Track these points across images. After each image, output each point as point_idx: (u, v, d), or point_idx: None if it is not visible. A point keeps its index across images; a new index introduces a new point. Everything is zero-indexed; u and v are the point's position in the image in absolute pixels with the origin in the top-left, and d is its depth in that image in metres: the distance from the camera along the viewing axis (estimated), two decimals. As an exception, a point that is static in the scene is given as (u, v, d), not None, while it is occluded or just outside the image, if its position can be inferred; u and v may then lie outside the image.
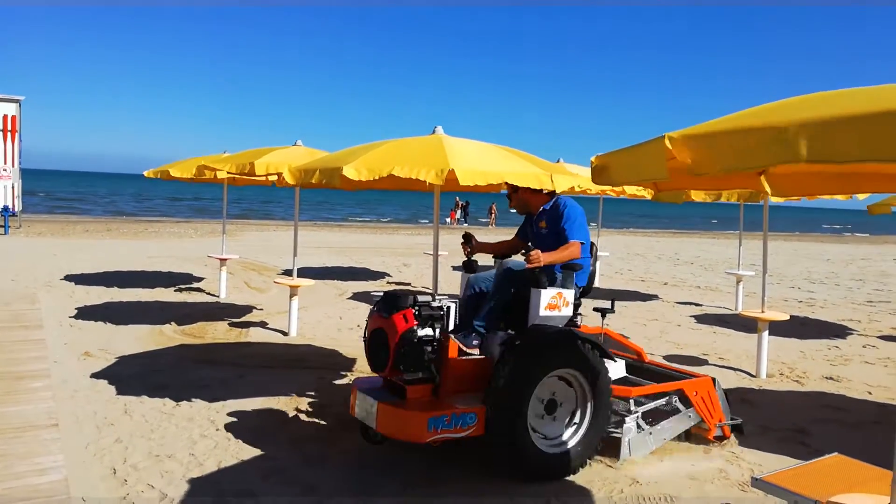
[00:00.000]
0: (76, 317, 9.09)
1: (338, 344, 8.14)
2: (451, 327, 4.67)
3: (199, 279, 13.10)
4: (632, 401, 4.89)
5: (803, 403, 6.46)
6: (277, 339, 8.32)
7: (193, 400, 5.82)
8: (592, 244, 5.16)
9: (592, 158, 2.99)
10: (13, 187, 22.24)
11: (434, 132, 5.53)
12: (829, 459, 3.45)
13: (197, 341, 8.03)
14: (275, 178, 8.89)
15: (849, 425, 5.86)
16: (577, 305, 5.02)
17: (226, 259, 11.47)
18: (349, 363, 7.28)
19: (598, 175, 2.96)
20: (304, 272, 13.48)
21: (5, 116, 22.08)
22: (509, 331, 4.76)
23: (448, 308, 4.67)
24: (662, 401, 5.07)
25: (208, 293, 11.53)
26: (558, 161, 10.10)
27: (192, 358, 7.25)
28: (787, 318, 7.87)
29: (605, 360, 4.75)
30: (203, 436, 5.05)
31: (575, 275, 4.89)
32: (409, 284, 13.63)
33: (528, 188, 4.96)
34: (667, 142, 2.45)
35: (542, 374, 4.45)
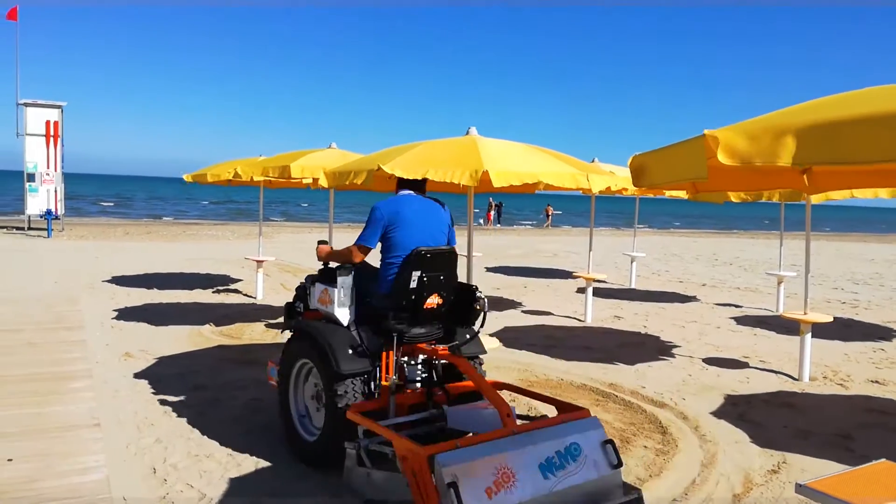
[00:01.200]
0: (117, 318, 9.26)
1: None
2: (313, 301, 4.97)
3: (237, 281, 13.26)
4: (361, 429, 3.83)
5: (848, 408, 6.29)
6: (313, 340, 8.36)
7: (231, 400, 5.88)
8: (418, 252, 4.49)
9: (631, 158, 2.94)
10: (56, 191, 22.80)
11: (468, 133, 5.51)
12: (877, 466, 3.34)
13: (234, 342, 8.12)
14: (310, 180, 8.96)
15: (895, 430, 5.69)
16: (383, 310, 4.54)
17: (262, 261, 11.59)
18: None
19: (638, 177, 2.91)
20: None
21: (48, 122, 22.64)
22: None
23: (309, 287, 5.04)
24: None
25: (245, 294, 11.66)
26: (593, 161, 10.00)
27: (230, 359, 7.33)
28: (831, 319, 7.67)
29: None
30: (241, 436, 5.09)
31: (378, 281, 4.69)
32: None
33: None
34: (708, 139, 2.39)
35: (293, 358, 4.85)
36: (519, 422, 3.63)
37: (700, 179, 2.51)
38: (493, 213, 41.57)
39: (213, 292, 11.77)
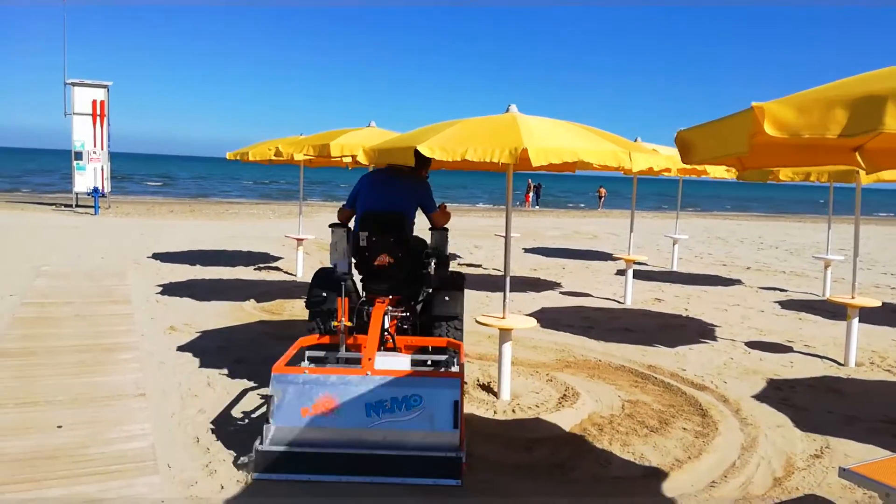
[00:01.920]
0: (162, 293, 9.47)
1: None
2: None
3: (277, 258, 13.44)
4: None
5: (895, 394, 6.13)
6: (352, 317, 8.44)
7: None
8: (365, 215, 5.39)
9: (677, 133, 2.87)
10: (102, 169, 23.32)
11: (508, 111, 5.45)
12: (926, 452, 3.25)
13: (275, 318, 8.24)
14: (349, 159, 9.00)
15: (947, 418, 5.52)
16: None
17: (302, 239, 11.73)
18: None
19: (684, 153, 2.84)
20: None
21: (94, 101, 23.11)
22: None
23: None
24: None
25: (286, 272, 11.81)
26: (636, 140, 9.84)
27: (271, 333, 7.45)
28: (879, 304, 7.47)
29: None
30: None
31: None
32: (479, 266, 13.61)
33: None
34: (756, 112, 2.32)
35: None
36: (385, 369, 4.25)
37: (741, 154, 2.43)
38: (531, 194, 41.28)
39: (255, 269, 11.95)
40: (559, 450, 4.60)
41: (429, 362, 5.19)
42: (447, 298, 5.34)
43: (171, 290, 9.73)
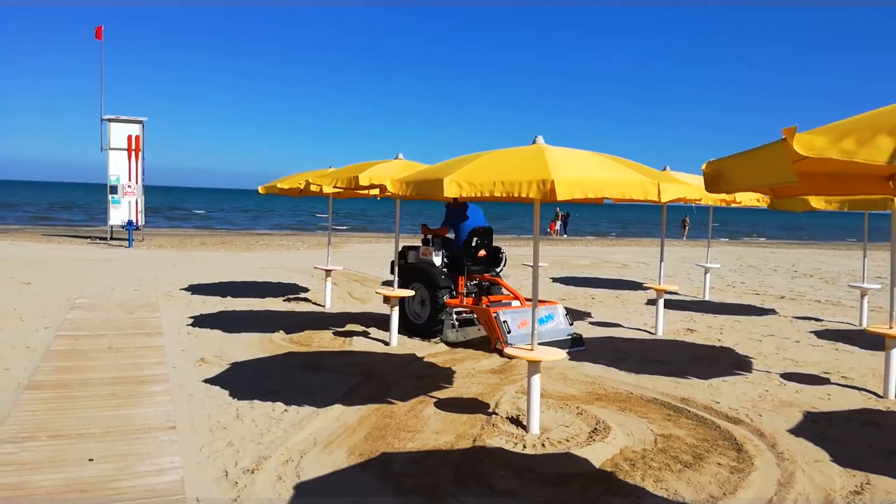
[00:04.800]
0: (193, 325, 9.57)
1: (436, 357, 8.18)
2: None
3: (306, 290, 13.53)
4: (450, 311, 8.67)
5: (940, 428, 5.93)
6: (379, 348, 8.44)
7: (300, 406, 5.99)
8: (475, 230, 9.50)
9: (704, 165, 2.84)
10: (137, 203, 23.79)
11: (535, 142, 5.46)
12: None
13: (304, 349, 8.27)
14: (377, 191, 9.08)
15: None
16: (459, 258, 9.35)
17: (331, 270, 11.78)
18: (448, 374, 7.29)
19: (713, 182, 2.80)
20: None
21: (130, 136, 23.67)
22: None
23: (407, 251, 9.93)
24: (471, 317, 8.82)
25: (314, 303, 11.87)
26: (665, 169, 9.78)
27: (300, 365, 7.47)
28: (920, 334, 7.25)
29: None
30: (309, 441, 5.17)
31: (455, 244, 9.64)
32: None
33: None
34: (791, 141, 2.27)
35: (409, 282, 9.38)
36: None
37: (788, 183, 2.37)
38: (558, 223, 41.16)
39: (284, 300, 12.03)
40: (590, 486, 4.52)
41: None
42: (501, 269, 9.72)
43: (201, 321, 9.83)
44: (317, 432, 5.38)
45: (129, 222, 23.33)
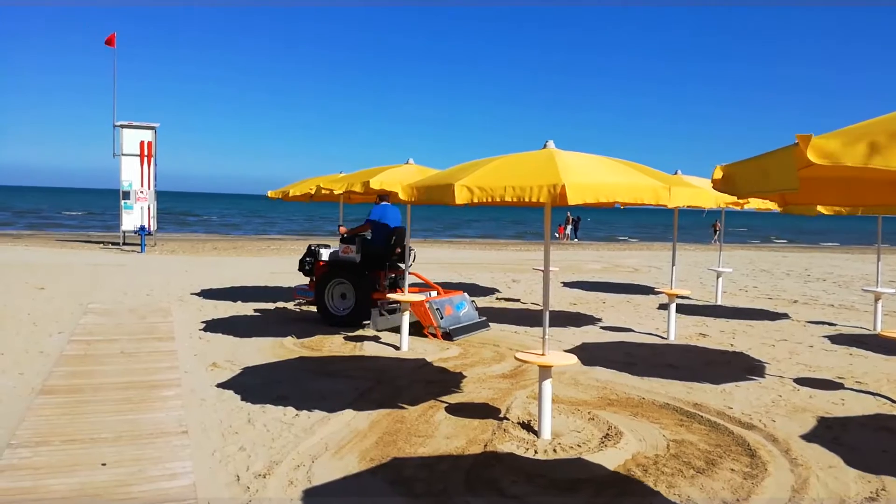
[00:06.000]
0: (204, 329, 9.61)
1: (446, 362, 8.18)
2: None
3: (317, 294, 13.53)
4: (379, 303, 9.79)
5: (957, 434, 5.87)
6: (390, 353, 8.45)
7: (312, 411, 6.00)
8: (394, 229, 10.21)
9: (715, 169, 2.83)
10: (149, 208, 23.93)
11: (545, 146, 5.46)
12: None
13: (315, 354, 8.28)
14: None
15: None
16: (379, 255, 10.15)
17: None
18: (458, 379, 7.28)
19: (723, 184, 2.79)
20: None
21: (142, 143, 23.83)
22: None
23: (318, 250, 10.79)
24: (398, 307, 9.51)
25: (325, 308, 11.88)
26: (676, 173, 9.76)
27: (311, 370, 7.48)
28: (936, 339, 7.20)
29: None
30: (320, 446, 5.18)
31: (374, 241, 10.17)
32: (518, 301, 13.53)
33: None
34: (801, 144, 2.26)
35: (329, 278, 10.25)
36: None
37: (792, 190, 2.36)
38: (568, 227, 41.08)
39: (295, 305, 12.06)
40: (603, 491, 4.50)
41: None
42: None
43: (213, 326, 9.87)
44: (328, 437, 5.39)
45: (142, 228, 23.48)
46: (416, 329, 9.37)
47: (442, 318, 9.24)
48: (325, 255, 10.54)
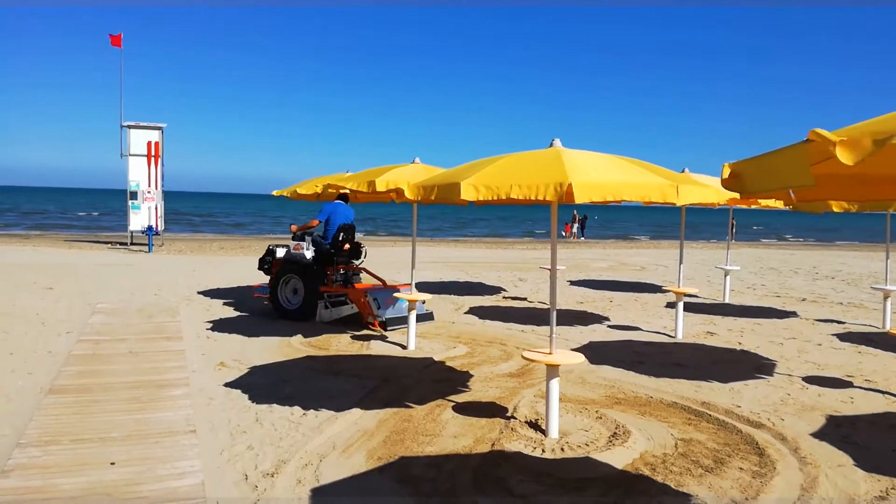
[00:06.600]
0: (212, 329, 9.64)
1: (453, 360, 8.17)
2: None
3: (324, 294, 13.55)
4: (326, 296, 10.40)
5: (967, 432, 5.83)
6: (397, 352, 8.45)
7: (319, 410, 6.00)
8: (342, 226, 10.56)
9: (724, 166, 2.81)
10: (157, 208, 24.00)
11: (552, 145, 5.45)
12: None
13: (322, 353, 8.30)
14: (394, 195, 9.09)
15: None
16: (328, 251, 10.55)
17: (348, 274, 11.80)
18: (465, 378, 7.28)
19: (732, 182, 2.77)
20: (422, 287, 13.69)
21: (149, 143, 23.89)
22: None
23: (275, 248, 11.00)
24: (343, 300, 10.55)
25: (332, 307, 11.89)
26: (683, 171, 9.72)
27: (318, 369, 7.49)
28: (946, 337, 7.16)
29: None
30: (328, 445, 5.18)
31: (325, 238, 10.66)
32: (524, 299, 13.52)
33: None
34: (813, 137, 2.23)
35: (283, 274, 10.71)
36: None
37: (807, 186, 2.33)
38: (575, 225, 41.00)
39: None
40: (611, 490, 4.49)
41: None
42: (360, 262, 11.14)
43: (220, 325, 9.90)
44: (335, 436, 5.40)
45: (150, 227, 23.54)
46: (419, 329, 9.36)
47: (379, 307, 9.78)
48: (280, 253, 10.90)
